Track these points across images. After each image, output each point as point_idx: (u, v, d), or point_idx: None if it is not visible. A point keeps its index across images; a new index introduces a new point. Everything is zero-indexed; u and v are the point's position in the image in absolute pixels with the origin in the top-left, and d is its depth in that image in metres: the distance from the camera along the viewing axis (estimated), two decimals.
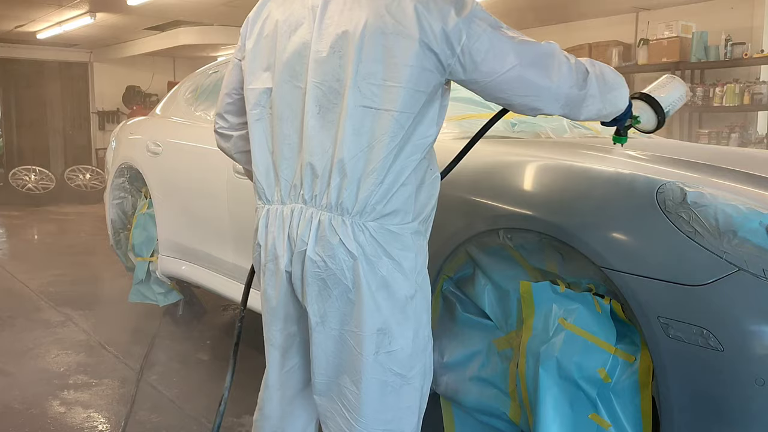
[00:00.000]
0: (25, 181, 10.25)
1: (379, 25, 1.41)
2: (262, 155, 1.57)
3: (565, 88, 1.49)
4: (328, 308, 1.50)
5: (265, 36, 1.57)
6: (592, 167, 1.85)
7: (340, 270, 1.46)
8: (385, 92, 1.41)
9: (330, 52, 1.45)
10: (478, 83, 1.46)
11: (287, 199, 1.53)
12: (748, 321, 1.46)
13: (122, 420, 2.67)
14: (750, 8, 6.72)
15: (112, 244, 4.39)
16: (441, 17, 1.40)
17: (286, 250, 1.52)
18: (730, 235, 1.51)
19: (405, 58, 1.40)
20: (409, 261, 1.49)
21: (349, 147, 1.43)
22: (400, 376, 1.53)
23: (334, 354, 1.53)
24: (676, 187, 1.63)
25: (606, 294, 1.77)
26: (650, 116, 1.80)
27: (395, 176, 1.44)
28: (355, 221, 1.45)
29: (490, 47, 1.42)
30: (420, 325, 1.55)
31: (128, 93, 11.61)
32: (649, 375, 1.66)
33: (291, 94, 1.51)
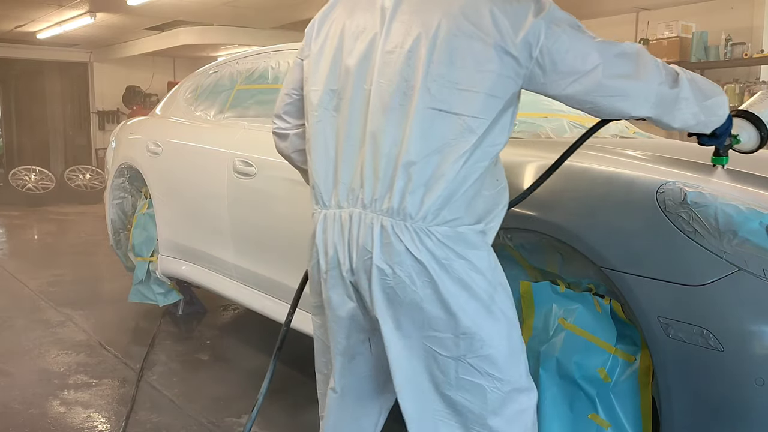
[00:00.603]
0: (25, 181, 10.25)
1: (453, 28, 1.37)
2: (322, 158, 1.52)
3: (654, 84, 1.41)
4: (401, 317, 1.43)
5: (332, 37, 1.53)
6: (592, 167, 1.85)
7: (409, 277, 1.39)
8: (457, 96, 1.36)
9: (399, 53, 1.41)
10: (560, 86, 1.39)
11: (345, 203, 1.47)
12: (748, 321, 1.46)
13: (122, 420, 2.67)
14: (750, 8, 6.72)
15: (112, 244, 4.39)
16: (517, 19, 1.35)
17: (347, 258, 1.46)
18: (730, 235, 1.51)
19: (480, 62, 1.35)
20: (483, 260, 1.43)
21: (416, 150, 1.37)
22: (499, 380, 1.44)
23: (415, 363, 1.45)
24: (676, 187, 1.63)
25: (606, 294, 1.77)
26: (752, 134, 1.67)
27: (461, 182, 1.38)
28: (418, 227, 1.38)
29: (570, 46, 1.36)
30: (511, 324, 1.47)
31: (128, 93, 11.61)
32: (649, 375, 1.66)
33: (356, 96, 1.47)
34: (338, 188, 1.48)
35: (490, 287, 1.43)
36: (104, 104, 12.04)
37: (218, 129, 3.43)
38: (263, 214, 2.94)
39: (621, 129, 3.03)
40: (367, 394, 1.65)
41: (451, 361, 1.43)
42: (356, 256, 1.44)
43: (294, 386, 3.01)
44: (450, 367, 1.43)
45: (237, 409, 2.78)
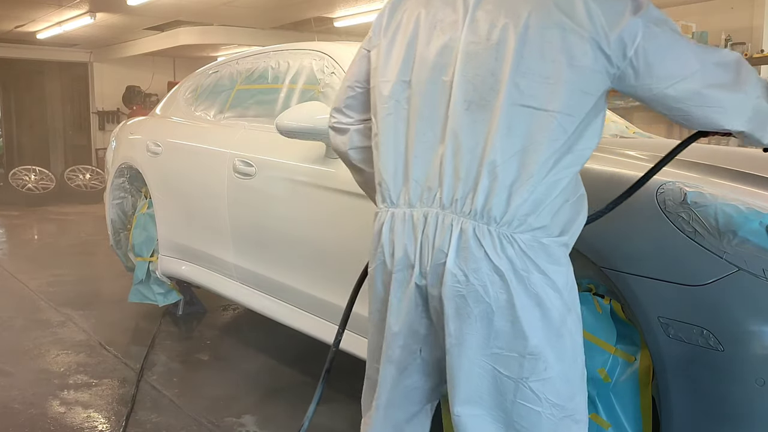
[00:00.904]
0: (25, 181, 10.25)
1: (544, 19, 1.28)
2: (391, 153, 1.43)
3: (752, 97, 1.32)
4: (467, 329, 1.33)
5: (406, 26, 1.45)
6: (592, 167, 1.85)
7: (483, 286, 1.30)
8: (547, 91, 1.28)
9: (485, 45, 1.32)
10: (651, 90, 1.30)
11: (417, 203, 1.38)
12: (748, 321, 1.46)
13: (122, 420, 2.67)
14: (750, 8, 6.72)
15: (112, 244, 4.39)
16: (613, 14, 1.27)
17: (418, 261, 1.37)
18: (730, 235, 1.51)
19: (574, 56, 1.27)
20: (561, 276, 1.33)
21: (503, 148, 1.29)
22: (558, 408, 1.35)
23: (476, 380, 1.36)
24: (676, 187, 1.63)
25: (606, 294, 1.77)
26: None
27: (550, 186, 1.29)
28: (502, 232, 1.29)
29: (668, 50, 1.27)
30: (577, 349, 1.38)
31: (128, 93, 11.62)
32: (649, 375, 1.66)
33: (433, 89, 1.38)
34: (409, 186, 1.40)
35: (564, 308, 1.33)
36: (104, 104, 12.05)
37: (218, 129, 3.43)
38: (263, 214, 2.94)
39: (621, 129, 3.03)
40: (415, 404, 1.56)
41: (511, 383, 1.34)
42: (429, 259, 1.35)
43: (294, 386, 3.01)
44: (509, 389, 1.35)
45: (237, 409, 2.78)
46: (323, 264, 2.61)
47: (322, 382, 1.85)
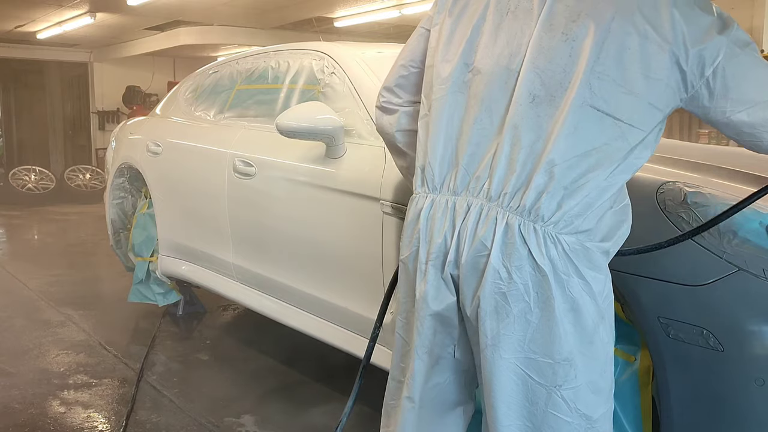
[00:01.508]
0: (25, 181, 10.25)
1: (627, 25, 1.24)
2: (441, 136, 1.38)
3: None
4: (504, 329, 1.30)
5: (474, 7, 1.40)
6: None
7: (525, 285, 1.27)
8: (620, 99, 1.24)
9: (561, 39, 1.27)
10: (725, 113, 1.27)
11: (462, 190, 1.34)
12: (748, 321, 1.46)
13: (122, 420, 2.67)
14: (750, 8, 6.72)
15: (112, 244, 4.39)
16: (699, 30, 1.23)
17: (455, 250, 1.33)
18: (730, 235, 1.51)
19: (651, 68, 1.24)
20: (599, 283, 1.30)
21: (564, 148, 1.25)
22: (586, 418, 1.32)
23: (509, 385, 1.32)
24: (676, 187, 1.63)
25: None
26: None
27: (602, 191, 1.27)
28: (548, 231, 1.26)
29: (748, 72, 1.24)
30: (607, 359, 1.35)
31: (128, 93, 11.61)
32: (649, 375, 1.66)
33: (498, 76, 1.33)
34: (457, 172, 1.35)
35: (598, 316, 1.31)
36: (104, 104, 12.05)
37: (218, 129, 3.44)
38: (263, 214, 2.94)
39: None
40: (448, 405, 1.51)
41: (543, 391, 1.31)
42: (468, 251, 1.31)
43: (294, 386, 3.01)
44: (541, 397, 1.31)
45: (237, 409, 2.78)
46: (323, 264, 2.61)
47: (359, 378, 1.80)
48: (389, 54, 2.92)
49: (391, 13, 7.59)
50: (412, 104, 1.56)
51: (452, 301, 1.38)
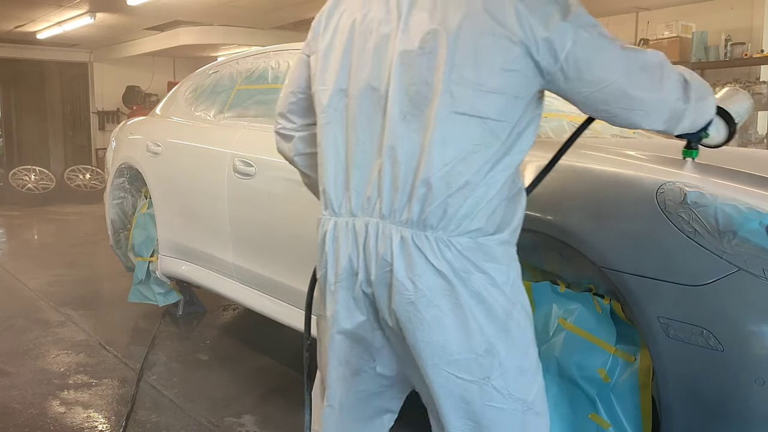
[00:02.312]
0: (25, 181, 10.25)
1: (475, 25, 1.28)
2: (331, 162, 1.43)
3: (672, 101, 1.37)
4: (422, 336, 1.34)
5: (342, 32, 1.43)
6: (592, 167, 1.85)
7: (430, 291, 1.32)
8: (480, 98, 1.28)
9: (419, 53, 1.31)
10: (581, 93, 1.33)
11: (359, 212, 1.39)
12: (748, 321, 1.46)
13: (122, 420, 2.67)
14: (750, 8, 6.72)
15: (112, 244, 4.39)
16: (544, 19, 1.27)
17: (364, 270, 1.38)
18: (730, 235, 1.51)
19: (504, 61, 1.27)
20: (501, 274, 1.35)
21: (438, 157, 1.29)
22: (520, 401, 1.37)
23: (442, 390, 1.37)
24: (676, 187, 1.63)
25: (606, 294, 1.77)
26: (721, 128, 1.66)
27: (485, 190, 1.31)
28: (439, 237, 1.31)
29: (597, 55, 1.29)
30: (527, 341, 1.40)
31: (128, 93, 11.62)
32: (649, 375, 1.66)
33: (369, 98, 1.37)
34: (350, 195, 1.40)
35: (508, 303, 1.36)
36: (104, 104, 12.05)
37: (218, 129, 3.44)
38: (263, 214, 2.94)
39: (621, 129, 3.03)
40: (369, 413, 1.56)
41: (475, 387, 1.35)
42: (375, 268, 1.36)
43: (294, 386, 3.01)
44: (474, 393, 1.36)
45: (237, 409, 2.78)
46: None
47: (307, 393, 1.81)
48: None
49: None
50: (307, 127, 1.60)
51: (363, 320, 1.43)
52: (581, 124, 1.59)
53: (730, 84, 6.48)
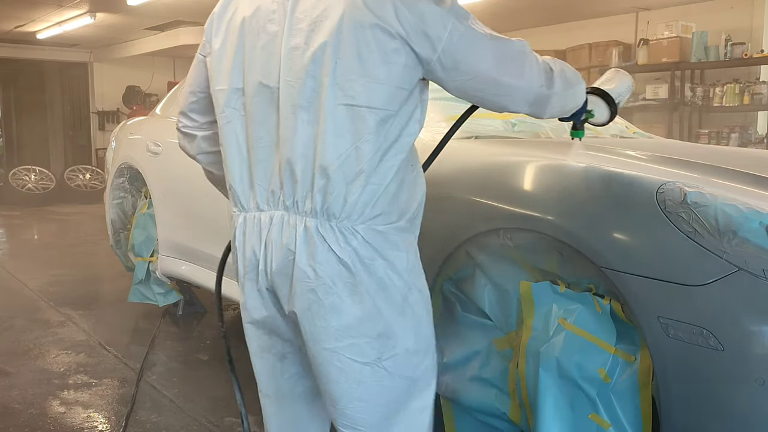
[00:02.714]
0: (25, 181, 10.25)
1: (356, 19, 1.33)
2: (235, 160, 1.48)
3: (535, 87, 1.48)
4: (320, 322, 1.41)
5: (233, 32, 1.47)
6: (592, 167, 1.85)
7: (331, 278, 1.38)
8: (366, 89, 1.34)
9: (304, 48, 1.36)
10: (456, 81, 1.41)
11: (264, 206, 1.44)
12: (748, 321, 1.46)
13: (122, 420, 2.67)
14: (750, 8, 6.72)
15: (112, 244, 4.39)
16: (420, 13, 1.33)
17: (265, 262, 1.44)
18: (730, 235, 1.51)
19: (385, 54, 1.33)
20: (401, 260, 1.44)
21: (332, 149, 1.35)
22: (408, 379, 1.48)
23: (336, 372, 1.44)
24: (676, 187, 1.63)
25: (606, 294, 1.77)
26: (603, 109, 1.84)
27: (381, 177, 1.38)
28: (344, 226, 1.37)
29: (471, 46, 1.38)
30: (420, 323, 1.50)
31: (128, 93, 11.61)
32: (649, 375, 1.66)
33: (262, 94, 1.42)
34: (255, 190, 1.45)
35: (406, 288, 1.45)
36: (104, 104, 12.05)
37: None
38: None
39: (621, 129, 3.03)
40: (306, 395, 1.62)
41: (367, 368, 1.43)
42: (276, 259, 1.41)
43: None
44: (366, 375, 1.44)
45: (237, 409, 2.78)
46: None
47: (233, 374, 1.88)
48: None
49: None
50: (210, 125, 1.63)
51: (270, 310, 1.50)
52: (467, 110, 1.74)
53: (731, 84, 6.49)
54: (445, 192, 2.08)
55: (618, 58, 7.33)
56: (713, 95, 6.65)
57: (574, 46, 7.82)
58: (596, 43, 7.61)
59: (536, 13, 7.72)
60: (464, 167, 2.10)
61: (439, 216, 1.98)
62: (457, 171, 2.10)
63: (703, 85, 6.81)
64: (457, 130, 1.77)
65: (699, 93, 6.73)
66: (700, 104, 6.76)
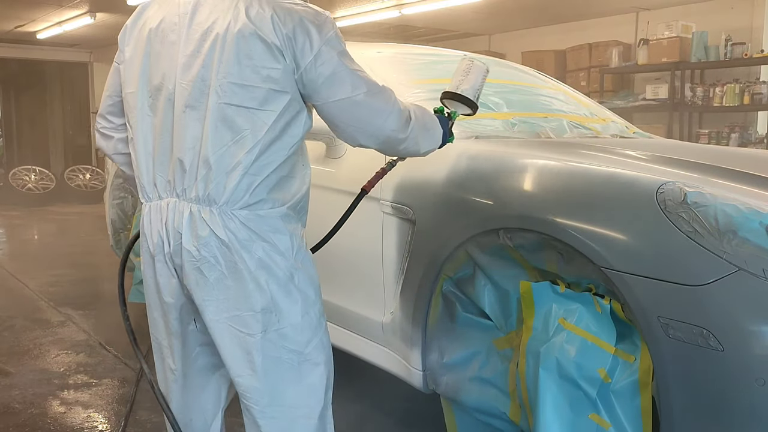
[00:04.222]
0: (25, 181, 10.25)
1: (239, 29, 1.50)
2: (143, 156, 1.63)
3: (387, 130, 1.62)
4: (206, 295, 1.57)
5: (142, 41, 1.64)
6: (592, 167, 1.85)
7: (213, 257, 1.54)
8: (244, 91, 1.50)
9: (195, 54, 1.53)
10: (315, 103, 1.57)
11: (164, 194, 1.60)
12: (748, 321, 1.46)
13: (122, 420, 2.67)
14: (750, 8, 6.72)
15: (112, 245, 4.39)
16: (293, 32, 1.50)
17: (167, 243, 1.59)
18: (730, 235, 1.51)
19: (261, 60, 1.50)
20: (284, 242, 1.58)
21: (213, 143, 1.52)
22: (296, 353, 1.61)
23: (226, 341, 1.59)
24: (676, 187, 1.63)
25: (606, 294, 1.77)
26: (464, 108, 1.96)
27: (260, 169, 1.53)
28: (223, 210, 1.53)
29: (332, 74, 1.53)
30: (308, 301, 1.63)
31: None
32: (649, 375, 1.66)
33: (163, 96, 1.58)
34: (157, 181, 1.61)
35: (291, 267, 1.59)
36: None
37: None
38: None
39: (621, 129, 3.03)
40: (204, 369, 1.77)
41: (252, 339, 1.57)
42: (172, 241, 1.57)
43: None
44: (254, 345, 1.58)
45: (236, 409, 2.77)
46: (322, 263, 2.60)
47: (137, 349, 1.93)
48: (389, 54, 2.92)
49: (391, 13, 7.59)
50: (125, 129, 1.77)
51: (179, 287, 1.63)
52: (356, 197, 1.96)
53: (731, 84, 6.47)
54: (445, 192, 2.08)
55: (618, 58, 7.33)
56: (713, 95, 6.65)
57: (574, 46, 7.82)
58: (596, 43, 7.61)
59: (536, 13, 7.71)
60: (465, 166, 2.10)
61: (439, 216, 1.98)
62: (458, 170, 2.10)
63: (703, 85, 6.80)
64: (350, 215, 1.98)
65: (699, 93, 6.73)
66: (700, 104, 6.75)
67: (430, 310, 2.14)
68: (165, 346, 1.74)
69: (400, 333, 2.22)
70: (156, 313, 1.72)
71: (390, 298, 2.26)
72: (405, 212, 2.19)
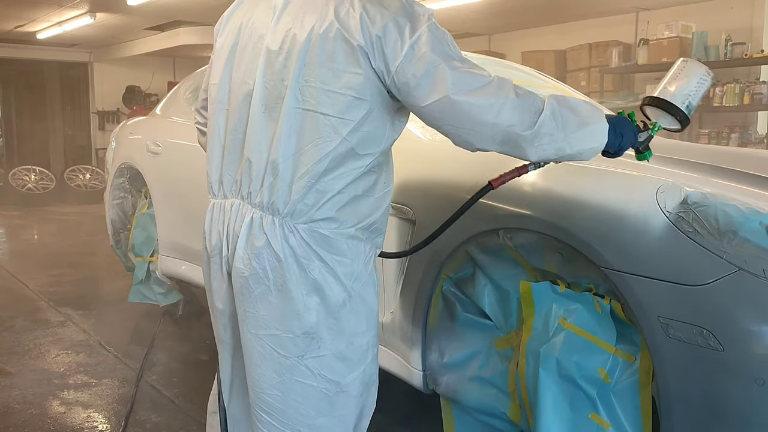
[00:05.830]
0: (25, 181, 10.25)
1: (325, 29, 1.40)
2: (215, 149, 1.59)
3: (503, 126, 1.38)
4: (249, 308, 1.49)
5: (231, 34, 1.59)
6: (592, 167, 1.85)
7: (263, 270, 1.45)
8: (323, 96, 1.40)
9: (278, 52, 1.46)
10: (413, 107, 1.41)
11: (229, 194, 1.55)
12: (748, 321, 1.46)
13: (122, 420, 2.67)
14: (750, 8, 6.72)
15: (112, 244, 4.39)
16: (383, 31, 1.36)
17: (225, 245, 1.53)
18: (730, 235, 1.51)
19: (346, 64, 1.38)
20: (344, 266, 1.47)
21: (283, 148, 1.43)
22: (333, 383, 1.50)
23: (257, 357, 1.51)
24: (676, 187, 1.63)
25: (606, 294, 1.77)
26: (669, 120, 1.63)
27: (329, 184, 1.43)
28: (285, 222, 1.44)
29: (426, 73, 1.35)
30: (356, 332, 1.51)
31: (128, 93, 11.61)
32: (649, 375, 1.66)
33: (243, 92, 1.52)
34: (224, 179, 1.55)
35: (345, 294, 1.47)
36: (104, 104, 12.04)
37: None
38: None
39: None
40: None
41: (287, 362, 1.48)
42: (231, 244, 1.51)
43: None
44: (286, 368, 1.48)
45: None
46: None
47: None
48: None
49: None
50: None
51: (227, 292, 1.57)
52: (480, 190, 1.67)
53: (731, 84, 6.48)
54: (445, 192, 2.08)
55: (618, 58, 7.33)
56: (713, 95, 6.65)
57: (574, 46, 7.82)
58: (596, 43, 7.61)
59: (536, 13, 7.71)
60: (464, 167, 2.10)
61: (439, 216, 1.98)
62: (458, 171, 2.10)
63: None
64: (468, 209, 1.72)
65: None
66: (701, 104, 6.75)
67: (430, 310, 2.14)
68: (219, 352, 1.68)
69: (400, 333, 2.22)
70: (211, 316, 1.66)
71: (390, 298, 2.26)
72: (405, 212, 2.19)
